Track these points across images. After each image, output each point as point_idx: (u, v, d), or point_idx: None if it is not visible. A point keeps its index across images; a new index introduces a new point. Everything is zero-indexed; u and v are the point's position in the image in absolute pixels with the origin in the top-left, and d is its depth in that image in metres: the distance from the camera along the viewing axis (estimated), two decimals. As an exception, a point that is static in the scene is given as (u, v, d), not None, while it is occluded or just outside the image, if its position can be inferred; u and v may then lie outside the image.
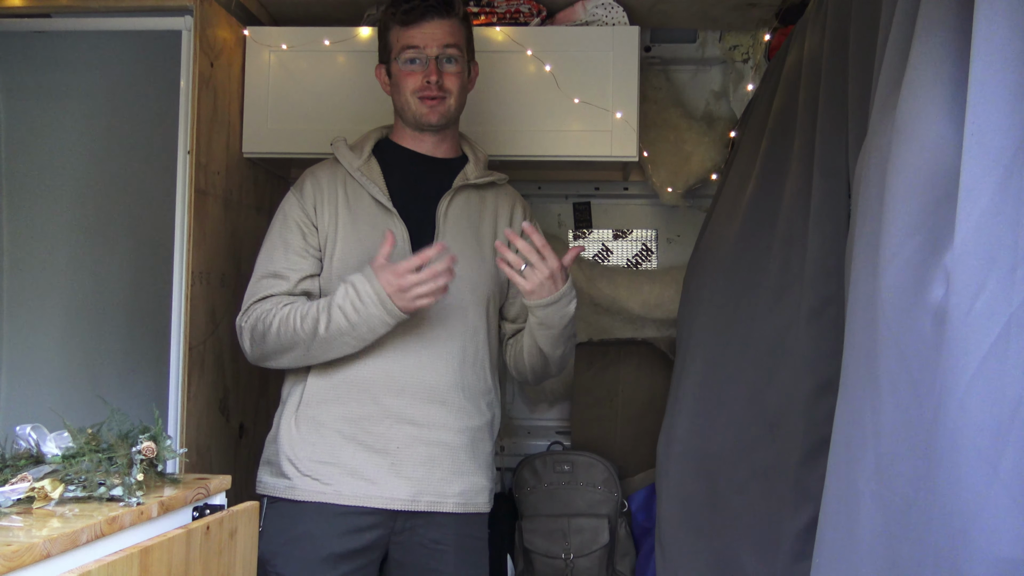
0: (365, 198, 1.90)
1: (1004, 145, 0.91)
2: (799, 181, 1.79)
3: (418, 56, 1.89)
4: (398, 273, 1.68)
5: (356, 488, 1.76)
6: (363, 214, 1.89)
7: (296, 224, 1.90)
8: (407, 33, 1.90)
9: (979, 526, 0.87)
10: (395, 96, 1.95)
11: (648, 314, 2.80)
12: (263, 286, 1.86)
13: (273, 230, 1.93)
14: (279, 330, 1.77)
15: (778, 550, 1.70)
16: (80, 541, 1.01)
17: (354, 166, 1.92)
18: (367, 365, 1.81)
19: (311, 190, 1.92)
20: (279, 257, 1.87)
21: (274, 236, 1.91)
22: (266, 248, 1.92)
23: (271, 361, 1.83)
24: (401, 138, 1.99)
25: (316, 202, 1.91)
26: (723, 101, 2.83)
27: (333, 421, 1.80)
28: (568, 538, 2.57)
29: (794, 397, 1.70)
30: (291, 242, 1.88)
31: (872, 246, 1.11)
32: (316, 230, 1.89)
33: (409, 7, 1.90)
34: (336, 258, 1.87)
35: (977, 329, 0.90)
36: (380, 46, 1.99)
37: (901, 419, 1.02)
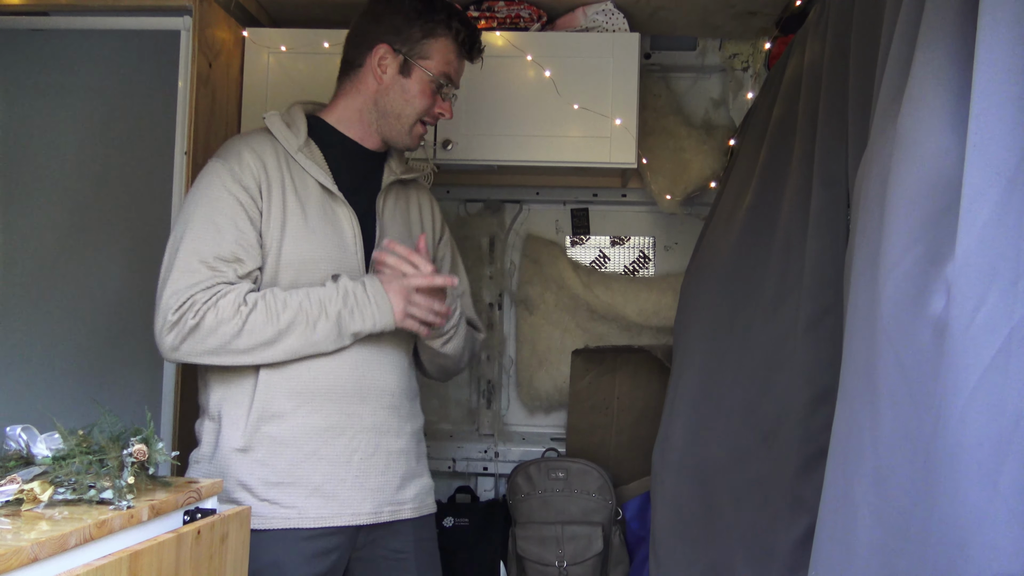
0: (310, 183, 1.71)
1: (1007, 157, 0.90)
2: (798, 190, 1.79)
3: (451, 90, 1.82)
4: (409, 287, 1.66)
5: (320, 508, 1.63)
6: (311, 201, 1.70)
7: (239, 203, 1.63)
8: (458, 63, 1.82)
9: (978, 540, 0.86)
10: (392, 98, 1.77)
11: (645, 321, 2.80)
12: (203, 274, 1.57)
13: (201, 206, 1.62)
14: (262, 319, 1.58)
15: (773, 561, 1.69)
16: (69, 544, 1.00)
17: (293, 146, 1.72)
18: (332, 373, 1.66)
19: (253, 166, 1.66)
20: (226, 239, 1.60)
21: (207, 213, 1.61)
22: (196, 227, 1.60)
23: (221, 357, 1.58)
24: (338, 121, 1.80)
25: (260, 181, 1.66)
26: (722, 109, 2.83)
27: (293, 436, 1.63)
28: (562, 545, 2.56)
29: (790, 407, 1.69)
30: (239, 223, 1.62)
31: (872, 256, 1.10)
32: (260, 216, 1.65)
33: (474, 42, 1.83)
34: (285, 251, 1.66)
35: (978, 342, 0.89)
36: (406, 36, 1.76)
37: (900, 431, 1.01)
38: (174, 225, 1.66)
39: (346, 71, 1.82)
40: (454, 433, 2.93)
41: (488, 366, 2.93)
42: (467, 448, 2.85)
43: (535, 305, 2.88)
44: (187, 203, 1.66)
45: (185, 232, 1.60)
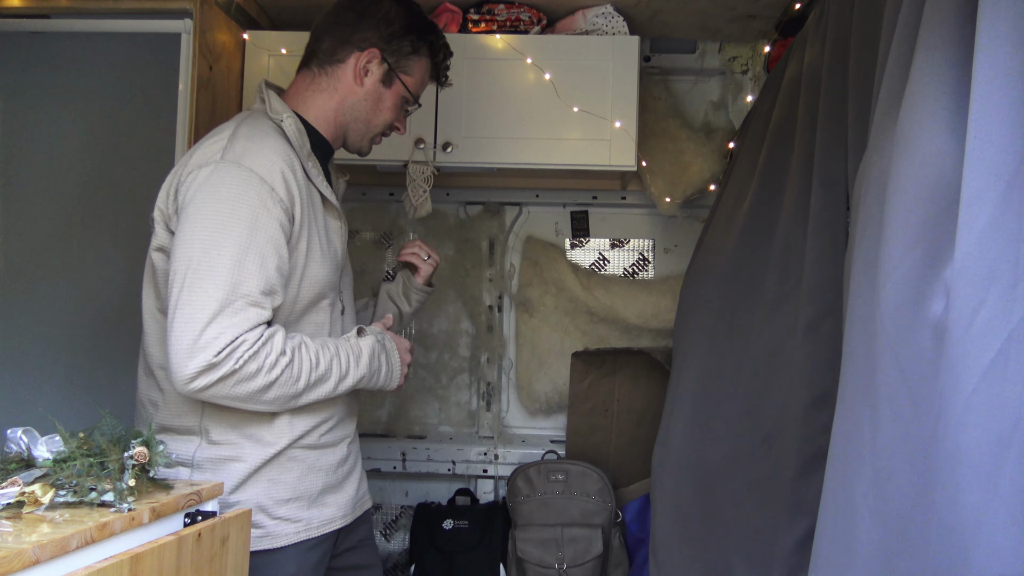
0: (315, 196, 1.64)
1: (1005, 160, 0.91)
2: (798, 192, 1.79)
3: (414, 108, 1.83)
4: (407, 348, 1.77)
5: (320, 516, 1.64)
6: (318, 217, 1.63)
7: (280, 228, 1.51)
8: (424, 85, 1.83)
9: (978, 542, 0.86)
10: (366, 106, 1.73)
11: (644, 324, 2.80)
12: (249, 313, 1.44)
13: (243, 227, 1.46)
14: (295, 375, 1.50)
15: (772, 564, 1.69)
16: (70, 547, 1.00)
17: (304, 155, 1.63)
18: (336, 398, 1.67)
19: (290, 185, 1.54)
20: (269, 270, 1.48)
21: (250, 239, 1.46)
22: (239, 255, 1.45)
23: (244, 403, 1.48)
24: (315, 120, 1.72)
25: (294, 202, 1.55)
26: (722, 112, 2.84)
27: (305, 454, 1.62)
28: (561, 547, 2.56)
29: (790, 409, 1.69)
30: (280, 252, 1.51)
31: (871, 259, 1.11)
32: (290, 240, 1.55)
33: (447, 69, 1.86)
34: (308, 276, 1.59)
35: (977, 344, 0.89)
36: (396, 47, 1.72)
37: (899, 434, 1.01)
38: (197, 229, 1.45)
39: (321, 62, 1.71)
40: (454, 435, 2.93)
41: (488, 368, 2.94)
42: (467, 450, 2.85)
43: (535, 307, 2.89)
44: (219, 214, 1.46)
45: (224, 256, 1.43)
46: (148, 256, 1.60)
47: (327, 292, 1.65)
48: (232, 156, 1.50)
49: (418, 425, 2.94)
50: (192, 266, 1.43)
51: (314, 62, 1.73)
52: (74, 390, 2.71)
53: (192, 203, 1.48)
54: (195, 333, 1.40)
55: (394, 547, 2.96)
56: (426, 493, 2.92)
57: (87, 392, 2.67)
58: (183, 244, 1.45)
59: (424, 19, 1.80)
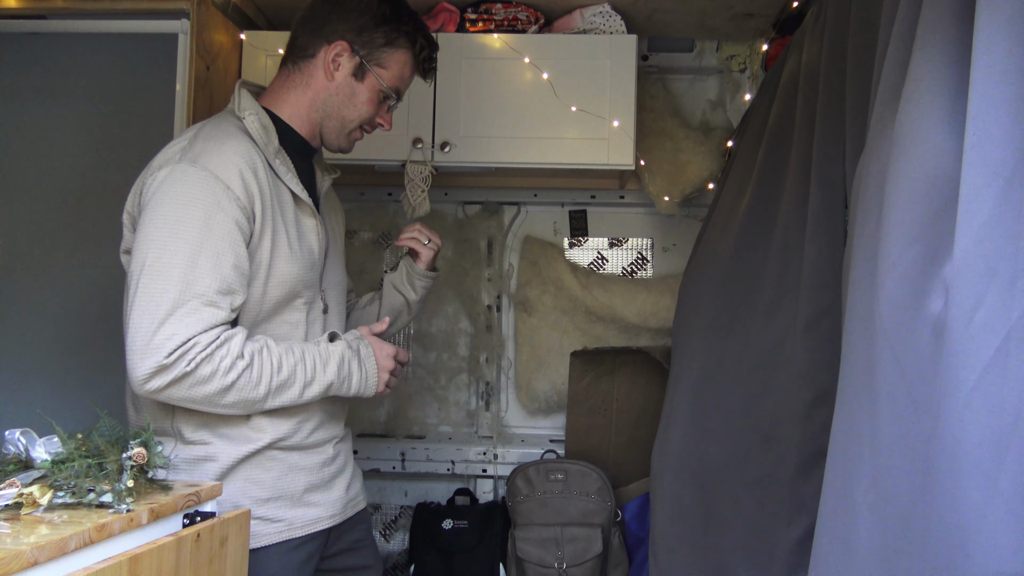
0: (284, 194, 1.61)
1: (1004, 157, 0.90)
2: (796, 191, 1.79)
3: (396, 103, 1.77)
4: (389, 355, 1.70)
5: (305, 515, 1.63)
6: (288, 216, 1.60)
7: (237, 227, 1.49)
8: (410, 78, 1.76)
9: (978, 540, 0.86)
10: (339, 100, 1.69)
11: (643, 323, 2.80)
12: (203, 314, 1.43)
13: (196, 228, 1.44)
14: (254, 379, 1.49)
15: (772, 562, 1.69)
16: (68, 548, 1.00)
17: (271, 153, 1.60)
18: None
19: (248, 183, 1.52)
20: (224, 269, 1.46)
21: (203, 238, 1.45)
22: (193, 255, 1.44)
23: (201, 406, 1.48)
24: (290, 118, 1.69)
25: (254, 201, 1.53)
26: (720, 111, 2.84)
27: (285, 455, 1.61)
28: (561, 547, 2.56)
29: (789, 408, 1.69)
30: (237, 250, 1.49)
31: (870, 257, 1.11)
32: (251, 238, 1.53)
33: (432, 61, 1.77)
34: (274, 275, 1.57)
35: (976, 341, 0.89)
36: (368, 39, 1.67)
37: (899, 432, 1.01)
38: (150, 229, 1.45)
39: (295, 58, 1.70)
40: (453, 435, 2.93)
41: (487, 368, 2.93)
42: (466, 450, 2.85)
43: (533, 307, 2.89)
44: (172, 215, 1.45)
45: (176, 256, 1.43)
46: (122, 258, 1.62)
47: (300, 291, 1.63)
48: (190, 156, 1.50)
49: (417, 425, 2.94)
50: (146, 267, 1.43)
51: (289, 59, 1.71)
52: (72, 391, 2.71)
53: (149, 204, 1.48)
54: (148, 334, 1.40)
55: (393, 547, 2.96)
56: (425, 493, 2.92)
57: (85, 393, 2.67)
58: (138, 246, 1.46)
59: (402, 9, 1.72)
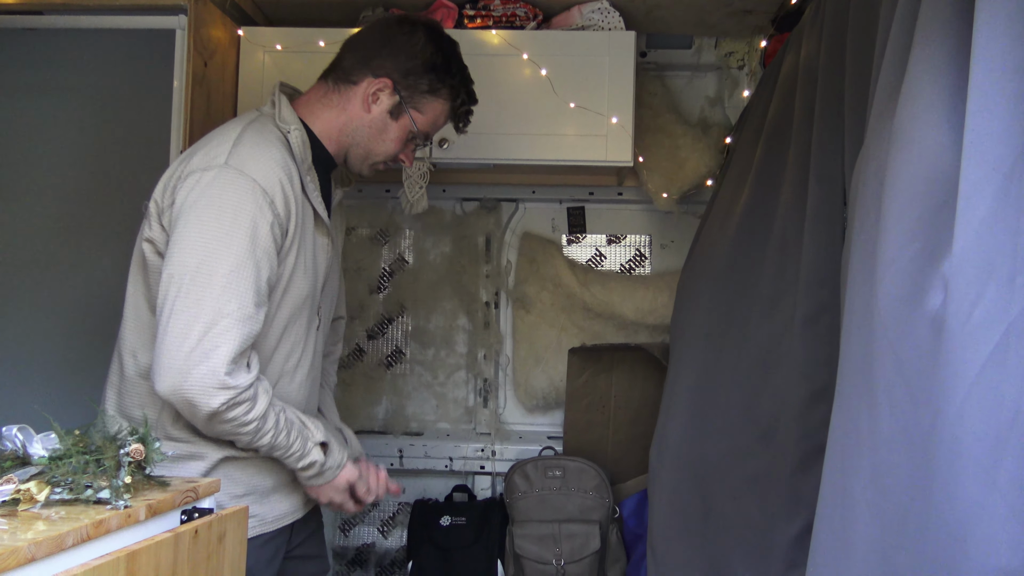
0: (309, 211, 1.63)
1: (1003, 153, 0.90)
2: (794, 188, 1.79)
3: (422, 146, 1.80)
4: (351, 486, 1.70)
5: (274, 510, 1.64)
6: (307, 233, 1.62)
7: (273, 240, 1.51)
8: (441, 126, 1.78)
9: (976, 536, 0.86)
10: (370, 133, 1.70)
11: (641, 320, 2.80)
12: (252, 321, 1.47)
13: (242, 236, 1.46)
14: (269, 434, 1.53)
15: (770, 558, 1.70)
16: (66, 544, 0.99)
17: (304, 169, 1.62)
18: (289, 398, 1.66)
19: (288, 197, 1.55)
20: (262, 280, 1.49)
21: (249, 249, 1.47)
22: (250, 259, 1.47)
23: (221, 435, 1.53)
24: (321, 133, 1.70)
25: (289, 216, 1.55)
26: (718, 107, 2.84)
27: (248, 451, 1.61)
28: (559, 544, 2.56)
29: (788, 404, 1.69)
30: (272, 263, 1.52)
31: (869, 253, 1.11)
32: (279, 252, 1.55)
33: (468, 116, 1.80)
34: (290, 291, 1.59)
35: (976, 337, 0.89)
36: (412, 83, 1.68)
37: (898, 428, 1.01)
38: (195, 233, 1.46)
39: (337, 79, 1.71)
40: (451, 432, 2.92)
41: (485, 365, 2.93)
42: (464, 447, 2.85)
43: (532, 303, 2.88)
44: (217, 222, 1.46)
45: (222, 265, 1.44)
46: (137, 244, 1.60)
47: (304, 309, 1.65)
48: (236, 162, 1.50)
49: (415, 422, 2.94)
50: (190, 273, 1.44)
51: (332, 76, 1.72)
52: (69, 389, 2.70)
53: (194, 207, 1.48)
54: (192, 343, 1.42)
55: (391, 544, 2.96)
56: (423, 490, 2.92)
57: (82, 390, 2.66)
58: (182, 249, 1.46)
59: (452, 61, 1.73)
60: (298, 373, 1.67)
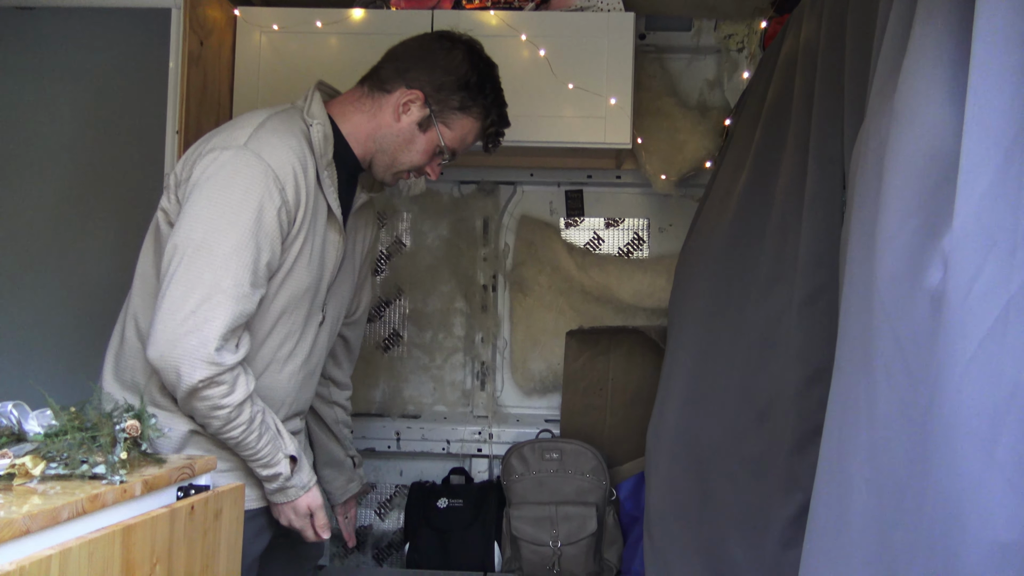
0: (322, 207, 1.66)
1: (1005, 128, 0.90)
2: (794, 169, 1.78)
3: (448, 160, 1.82)
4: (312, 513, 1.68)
5: (258, 487, 1.65)
6: (318, 228, 1.65)
7: (279, 224, 1.54)
8: (470, 144, 1.81)
9: (974, 510, 0.86)
10: (398, 142, 1.72)
11: (639, 303, 2.79)
12: (247, 300, 1.50)
13: (247, 215, 1.49)
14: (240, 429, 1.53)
15: (767, 538, 1.70)
16: (61, 518, 0.99)
17: (323, 164, 1.64)
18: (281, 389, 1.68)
19: (299, 186, 1.57)
20: (261, 262, 1.52)
21: (252, 229, 1.50)
22: (252, 240, 1.50)
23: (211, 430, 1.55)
24: (349, 135, 1.72)
25: (298, 205, 1.58)
26: (717, 90, 2.82)
27: None
28: (556, 526, 2.56)
29: (785, 386, 1.69)
30: (275, 246, 1.54)
31: (869, 230, 1.10)
32: (284, 239, 1.58)
33: (498, 137, 1.84)
34: (289, 282, 1.61)
35: (975, 312, 0.89)
36: (444, 98, 1.71)
37: (896, 403, 1.01)
38: (204, 208, 1.49)
39: (373, 85, 1.74)
40: (448, 415, 2.92)
41: (483, 348, 2.93)
42: (461, 430, 2.85)
43: (529, 287, 2.88)
44: (227, 199, 1.49)
45: (225, 242, 1.47)
46: (155, 214, 1.65)
47: (303, 301, 1.66)
48: (254, 146, 1.54)
49: (412, 404, 2.93)
50: (193, 245, 1.47)
51: (368, 82, 1.76)
52: (65, 368, 2.70)
53: (207, 184, 1.51)
54: (185, 313, 1.45)
55: (388, 526, 2.96)
56: (420, 472, 2.92)
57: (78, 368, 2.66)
58: (189, 222, 1.49)
59: (487, 81, 1.76)
60: (290, 363, 1.68)
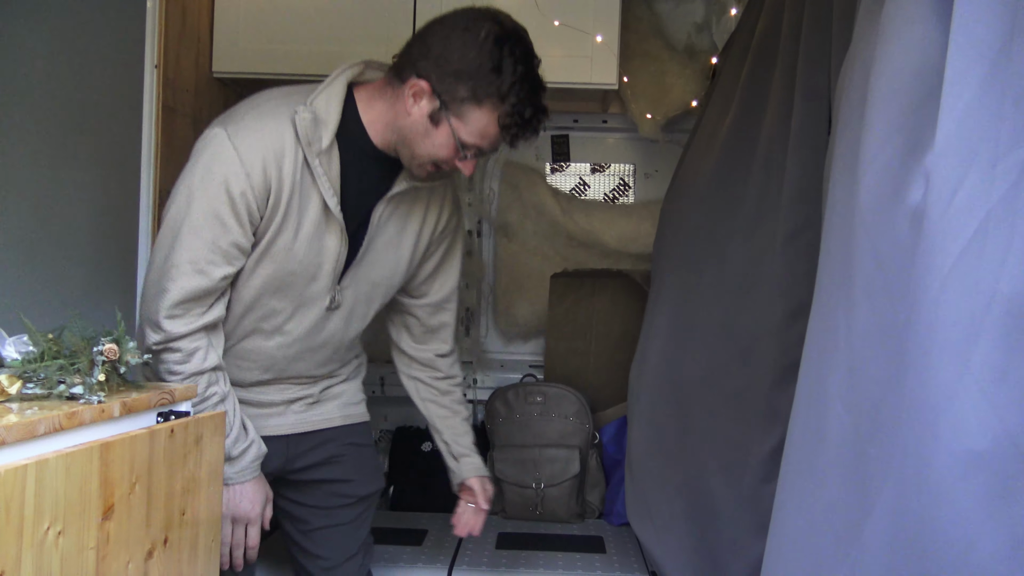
0: (315, 197, 1.60)
1: (991, 38, 0.89)
2: (780, 106, 1.77)
3: (477, 155, 1.64)
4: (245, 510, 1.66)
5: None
6: (307, 218, 1.61)
7: (245, 211, 1.55)
8: (496, 140, 1.61)
9: (947, 420, 0.87)
10: (414, 134, 1.59)
11: (623, 248, 2.79)
12: (203, 276, 1.55)
13: (209, 194, 1.52)
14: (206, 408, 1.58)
15: (746, 471, 1.72)
16: (37, 432, 0.98)
17: (313, 151, 1.57)
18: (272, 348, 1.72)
19: (263, 174, 1.54)
20: (209, 244, 1.54)
21: (210, 207, 1.52)
22: (210, 220, 1.53)
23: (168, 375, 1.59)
24: (370, 123, 1.64)
25: (269, 194, 1.56)
26: (705, 34, 2.79)
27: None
28: (539, 468, 2.59)
29: (767, 322, 1.70)
30: (232, 232, 1.55)
31: (852, 152, 1.09)
32: (253, 231, 1.58)
33: (521, 134, 1.60)
34: (261, 267, 1.62)
35: (955, 224, 0.89)
36: (451, 85, 1.53)
37: (874, 323, 1.01)
38: (178, 187, 1.55)
39: (394, 74, 1.61)
40: (433, 360, 2.92)
41: (467, 293, 2.93)
42: (446, 375, 2.86)
43: (514, 232, 2.87)
44: (192, 180, 1.54)
45: (188, 221, 1.52)
46: None
47: (291, 284, 1.64)
48: (232, 129, 1.55)
49: (397, 350, 2.94)
50: (167, 219, 1.56)
51: (393, 68, 1.63)
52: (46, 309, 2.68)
53: (188, 161, 1.57)
54: (152, 280, 1.56)
55: (373, 470, 2.98)
56: (405, 417, 2.93)
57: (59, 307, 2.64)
58: (171, 195, 1.58)
59: (506, 70, 1.53)
60: (279, 336, 1.70)
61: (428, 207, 1.79)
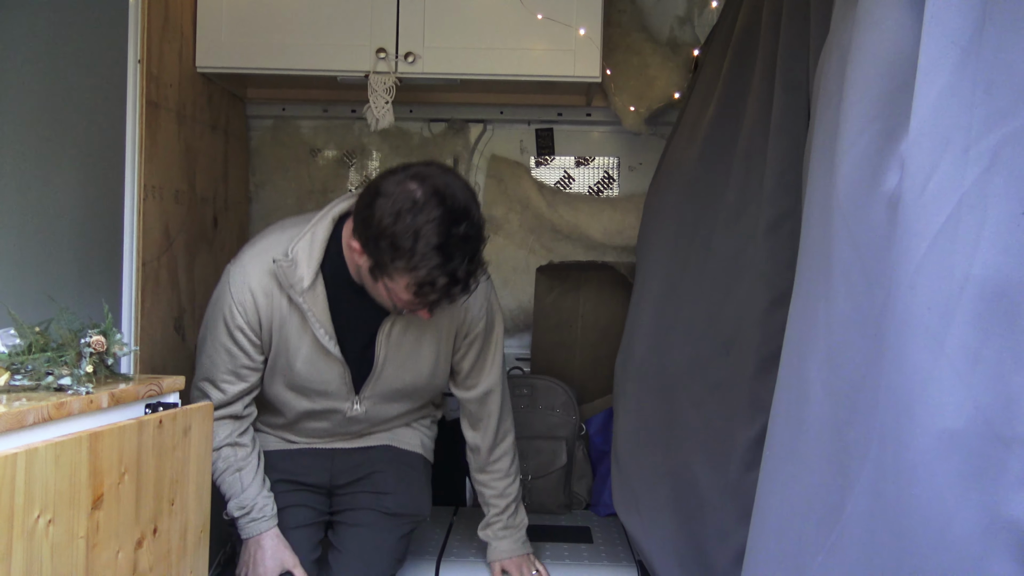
0: (308, 336, 1.75)
1: (963, 26, 0.91)
2: (761, 98, 1.78)
3: (418, 309, 1.65)
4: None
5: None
6: (303, 349, 1.77)
7: (244, 338, 1.78)
8: (419, 303, 1.61)
9: (924, 400, 0.89)
10: (367, 281, 1.65)
11: (608, 241, 2.81)
12: (217, 391, 1.82)
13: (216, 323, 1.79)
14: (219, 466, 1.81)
15: (730, 460, 1.74)
16: (26, 422, 0.99)
17: (297, 291, 1.68)
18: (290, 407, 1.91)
19: (258, 303, 1.75)
20: (225, 366, 1.79)
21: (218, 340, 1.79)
22: (215, 349, 1.79)
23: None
24: (348, 257, 1.71)
25: (260, 319, 1.76)
26: (688, 27, 2.81)
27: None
28: (526, 459, 2.60)
29: (749, 311, 1.72)
30: (237, 357, 1.79)
31: (830, 140, 1.11)
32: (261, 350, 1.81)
33: (441, 300, 1.58)
34: (275, 380, 1.85)
35: (929, 209, 0.91)
36: (374, 248, 1.54)
37: (852, 307, 1.03)
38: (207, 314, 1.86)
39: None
40: (419, 354, 2.93)
41: (453, 287, 2.93)
42: (432, 368, 2.86)
43: (499, 225, 2.88)
44: (209, 311, 1.83)
45: (205, 344, 1.81)
46: None
47: (305, 389, 1.84)
48: (236, 267, 1.76)
49: (383, 344, 2.94)
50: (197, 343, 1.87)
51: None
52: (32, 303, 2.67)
53: None
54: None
55: (361, 464, 2.99)
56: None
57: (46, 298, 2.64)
58: None
59: (422, 238, 1.49)
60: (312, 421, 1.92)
61: (450, 313, 1.81)
